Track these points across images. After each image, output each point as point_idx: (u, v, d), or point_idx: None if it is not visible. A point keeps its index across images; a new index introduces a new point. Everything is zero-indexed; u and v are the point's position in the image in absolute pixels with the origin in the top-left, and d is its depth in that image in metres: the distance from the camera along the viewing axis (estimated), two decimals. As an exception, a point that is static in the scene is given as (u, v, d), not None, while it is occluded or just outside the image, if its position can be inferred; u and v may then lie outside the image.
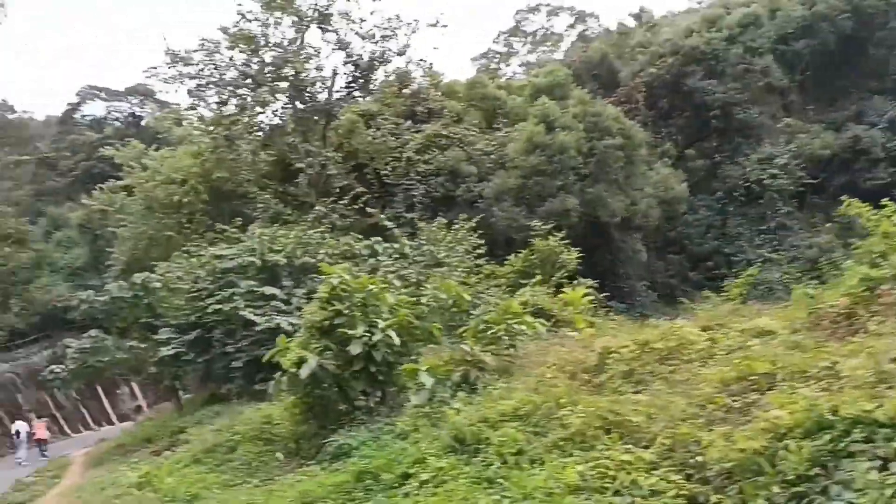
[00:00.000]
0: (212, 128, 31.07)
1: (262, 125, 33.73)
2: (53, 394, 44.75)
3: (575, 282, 20.57)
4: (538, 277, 19.89)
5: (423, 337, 13.23)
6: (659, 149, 44.08)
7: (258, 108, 31.86)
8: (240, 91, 30.90)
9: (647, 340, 9.75)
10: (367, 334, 11.82)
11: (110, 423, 50.45)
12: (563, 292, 18.09)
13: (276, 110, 32.96)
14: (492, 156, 36.48)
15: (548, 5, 75.79)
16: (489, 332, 12.73)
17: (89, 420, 50.87)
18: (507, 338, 12.67)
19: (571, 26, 74.04)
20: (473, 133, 37.02)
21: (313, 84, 32.05)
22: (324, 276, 22.54)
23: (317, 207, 28.20)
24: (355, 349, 11.59)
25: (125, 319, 26.24)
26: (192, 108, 31.84)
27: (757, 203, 44.45)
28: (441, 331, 13.61)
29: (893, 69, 46.20)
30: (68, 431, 45.52)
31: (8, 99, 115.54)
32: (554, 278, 20.84)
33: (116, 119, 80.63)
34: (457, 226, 27.23)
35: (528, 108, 38.48)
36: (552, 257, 22.06)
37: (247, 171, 31.40)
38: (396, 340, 11.80)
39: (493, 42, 77.81)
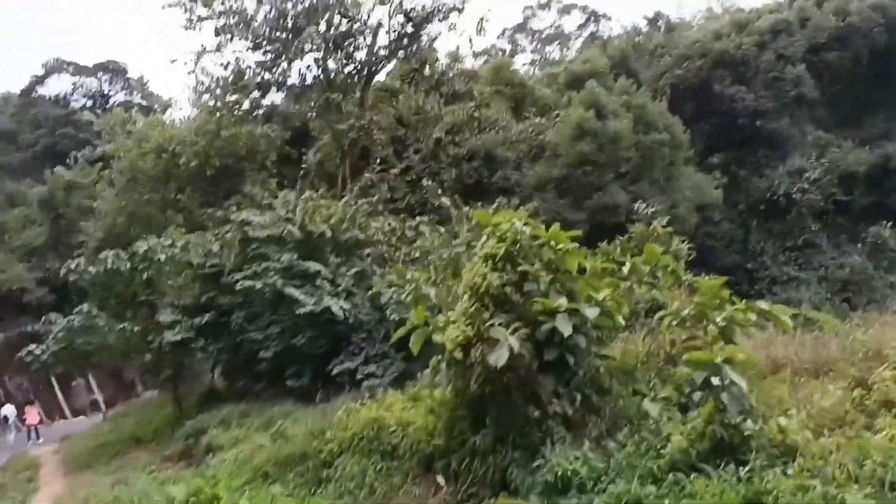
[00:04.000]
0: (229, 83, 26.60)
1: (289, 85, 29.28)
2: (4, 382, 39.91)
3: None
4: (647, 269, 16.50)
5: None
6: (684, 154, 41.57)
7: (289, 61, 27.27)
8: (274, 37, 26.28)
9: None
10: (575, 308, 8.21)
11: (63, 416, 45.73)
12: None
13: (306, 67, 28.60)
14: (523, 144, 33.03)
15: (559, 2, 72.29)
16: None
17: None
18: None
19: (583, 26, 70.45)
20: (506, 119, 33.55)
21: (354, 37, 27.76)
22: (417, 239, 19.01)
23: (366, 175, 24.26)
24: (564, 328, 7.95)
25: (119, 296, 21.87)
26: (218, 49, 27.30)
27: (782, 218, 42.16)
28: (627, 316, 10.09)
29: (924, 86, 44.46)
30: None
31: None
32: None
33: (84, 95, 75.51)
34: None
35: (561, 97, 35.46)
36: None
37: (269, 136, 26.99)
38: (620, 321, 8.23)
39: (497, 38, 73.44)
